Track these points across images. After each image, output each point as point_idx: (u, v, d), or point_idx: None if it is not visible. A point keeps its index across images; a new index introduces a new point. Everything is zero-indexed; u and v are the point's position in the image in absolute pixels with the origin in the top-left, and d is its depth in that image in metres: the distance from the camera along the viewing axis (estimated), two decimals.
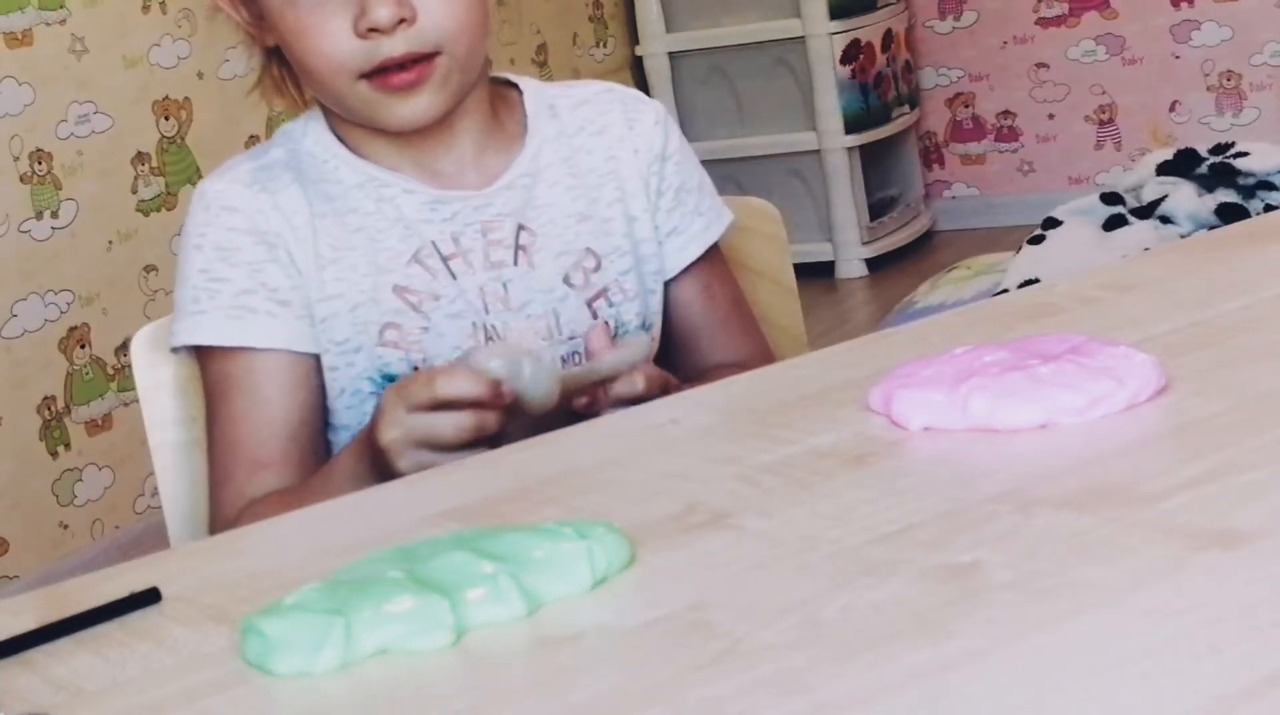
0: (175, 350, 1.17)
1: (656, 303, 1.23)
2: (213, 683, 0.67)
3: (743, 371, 1.13)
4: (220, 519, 1.14)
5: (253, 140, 3.22)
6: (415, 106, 1.13)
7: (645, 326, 1.22)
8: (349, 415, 1.16)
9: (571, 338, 1.18)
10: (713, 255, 1.26)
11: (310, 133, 1.20)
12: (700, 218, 1.25)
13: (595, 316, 1.19)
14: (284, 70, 1.21)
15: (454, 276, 1.16)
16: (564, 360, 1.18)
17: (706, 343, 1.25)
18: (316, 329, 1.15)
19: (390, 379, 1.14)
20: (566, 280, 1.18)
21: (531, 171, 1.20)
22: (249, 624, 0.69)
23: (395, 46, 1.10)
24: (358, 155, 1.18)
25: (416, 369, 1.14)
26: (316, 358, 1.15)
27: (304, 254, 1.15)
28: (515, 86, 1.24)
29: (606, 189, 1.22)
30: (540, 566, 0.70)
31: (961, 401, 0.84)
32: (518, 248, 1.18)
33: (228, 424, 1.15)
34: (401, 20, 1.10)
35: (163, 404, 1.20)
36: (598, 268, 1.20)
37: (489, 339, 1.15)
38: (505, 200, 1.18)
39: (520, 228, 1.18)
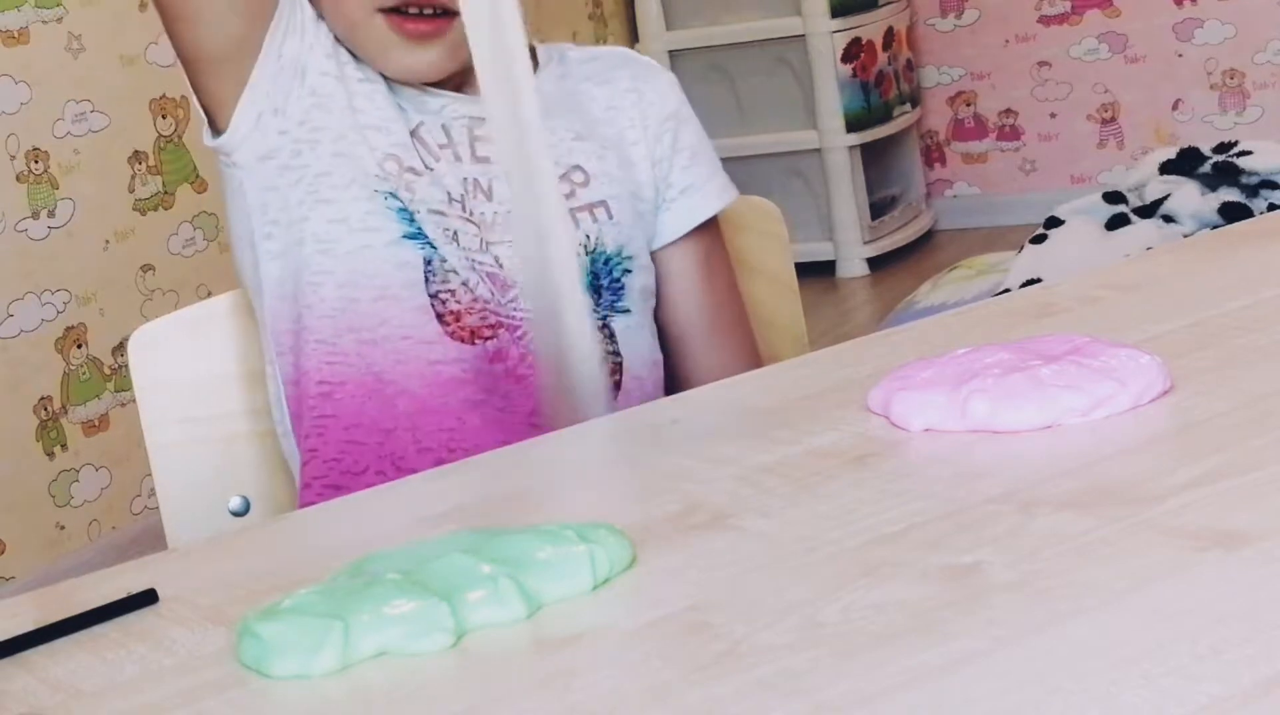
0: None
1: (642, 240, 1.22)
2: (210, 684, 0.67)
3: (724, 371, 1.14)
4: None
5: None
6: (423, 57, 1.12)
7: (621, 255, 1.20)
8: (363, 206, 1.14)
9: None
10: (713, 232, 1.25)
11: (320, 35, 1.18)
12: (713, 180, 1.25)
13: (576, 227, 1.18)
14: None
15: (446, 157, 1.16)
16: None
17: (696, 322, 1.24)
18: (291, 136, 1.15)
19: (394, 195, 1.13)
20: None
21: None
22: (246, 627, 0.69)
23: None
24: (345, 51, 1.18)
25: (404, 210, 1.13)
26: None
27: (312, 65, 1.15)
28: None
29: (603, 129, 1.22)
30: (541, 569, 0.70)
31: (961, 404, 0.83)
32: None
33: None
34: None
35: (160, 404, 1.20)
36: (586, 183, 1.19)
37: (475, 224, 1.15)
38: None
39: None
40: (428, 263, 1.14)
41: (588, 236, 1.19)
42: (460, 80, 1.18)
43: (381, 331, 1.13)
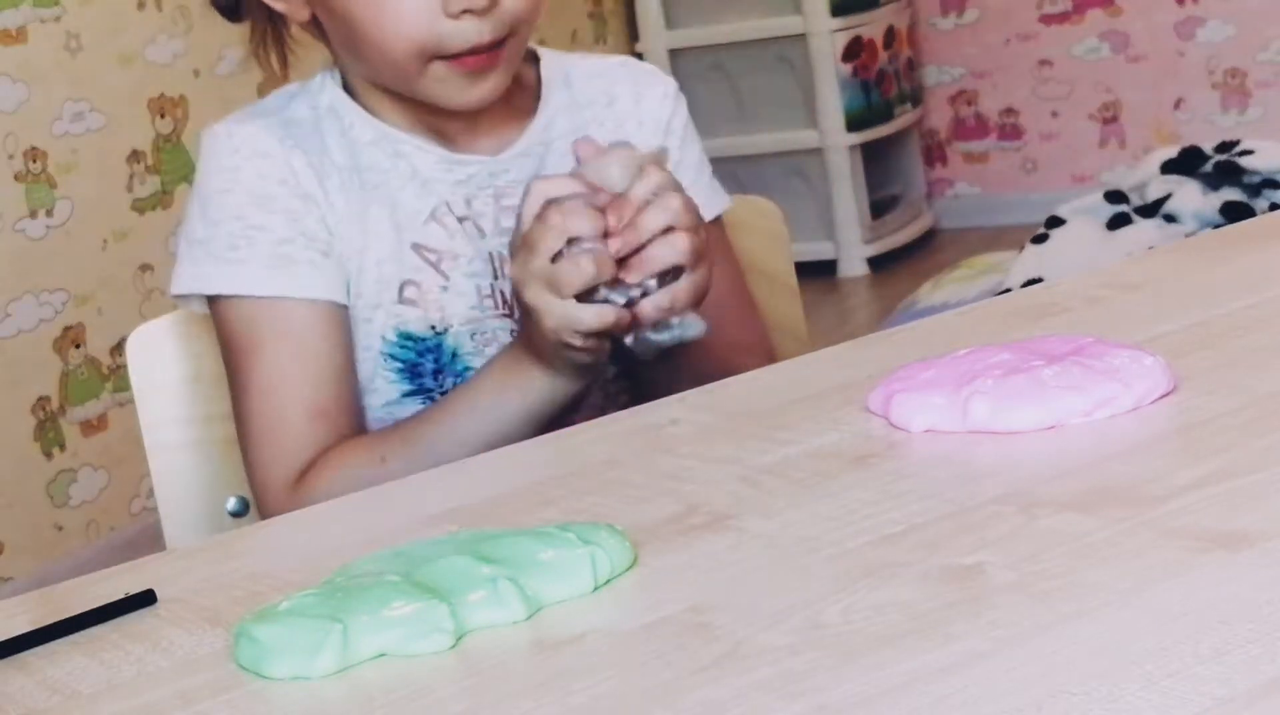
0: (179, 298, 1.14)
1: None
2: (208, 685, 0.67)
3: (746, 356, 1.13)
4: (275, 480, 1.09)
5: None
6: (484, 88, 1.12)
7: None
8: (360, 372, 1.14)
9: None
10: (712, 235, 1.25)
11: (327, 90, 1.18)
12: (698, 195, 1.24)
13: None
14: (273, 38, 1.19)
15: (467, 239, 1.15)
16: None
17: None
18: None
19: (409, 337, 1.13)
20: None
21: (544, 141, 1.19)
22: (243, 629, 0.68)
23: (484, 31, 1.09)
24: (372, 114, 1.16)
25: (434, 328, 1.13)
26: (347, 311, 1.13)
27: (333, 211, 1.14)
28: (532, 53, 1.23)
29: None
30: (541, 571, 0.70)
31: (962, 405, 0.83)
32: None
33: (270, 372, 1.10)
34: (494, 3, 1.08)
35: (158, 404, 1.19)
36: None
37: (504, 302, 1.14)
38: (519, 168, 1.17)
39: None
40: None
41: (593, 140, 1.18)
42: (490, 124, 1.18)
43: None
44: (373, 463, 1.06)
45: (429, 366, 1.14)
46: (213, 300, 1.13)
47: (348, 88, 1.17)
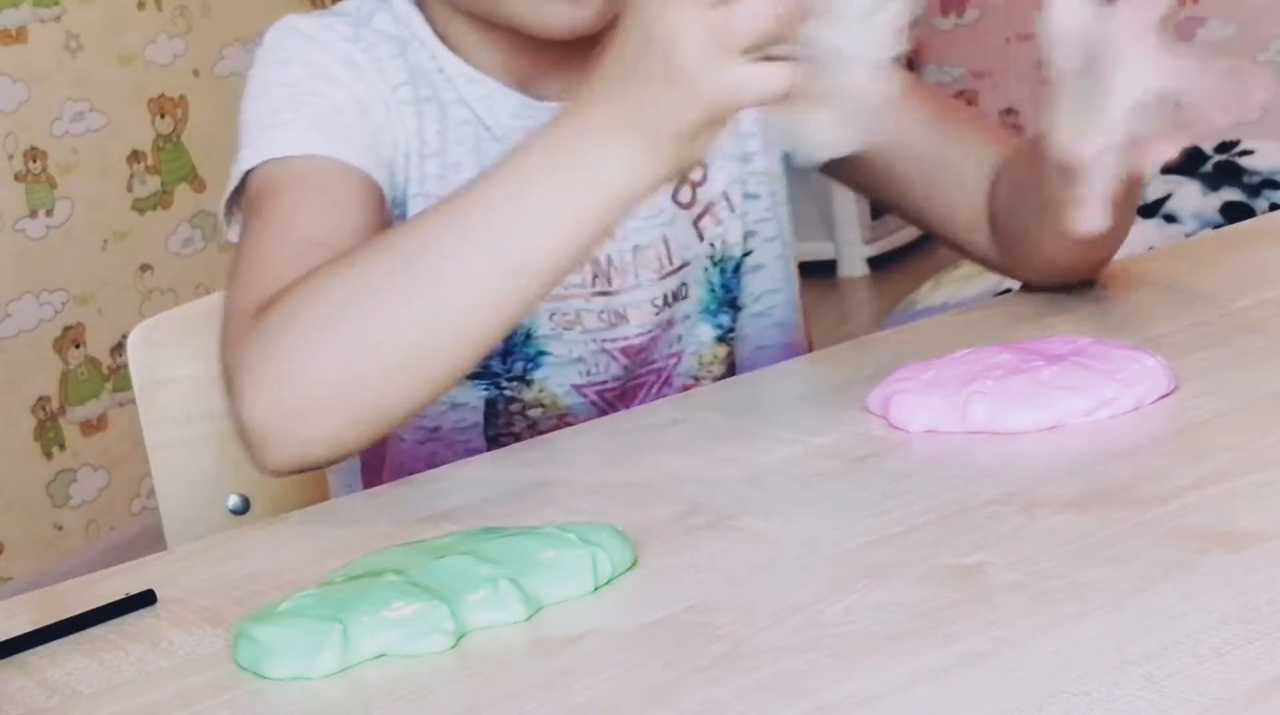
0: (231, 211, 0.97)
1: (759, 210, 1.08)
2: (208, 685, 0.67)
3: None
4: (246, 303, 0.87)
5: None
6: (583, 11, 0.94)
7: (746, 243, 1.07)
8: None
9: (681, 267, 1.04)
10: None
11: (405, 11, 1.03)
12: None
13: (701, 238, 1.05)
14: None
15: None
16: (670, 295, 1.03)
17: (948, 160, 1.05)
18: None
19: None
20: (674, 197, 1.05)
21: None
22: (242, 630, 0.68)
23: None
24: (449, 48, 1.02)
25: None
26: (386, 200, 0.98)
27: (403, 133, 0.99)
28: None
29: None
30: (542, 571, 0.70)
31: (961, 406, 0.83)
32: None
33: (281, 212, 0.93)
34: None
35: (159, 404, 1.19)
36: (704, 179, 1.06)
37: (592, 278, 1.00)
38: None
39: None
40: (490, 403, 1.02)
41: (713, 245, 1.07)
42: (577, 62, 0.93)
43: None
44: (353, 273, 0.83)
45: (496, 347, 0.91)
46: (244, 185, 0.97)
47: (428, 16, 1.02)
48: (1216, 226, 2.19)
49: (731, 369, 1.09)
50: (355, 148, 0.96)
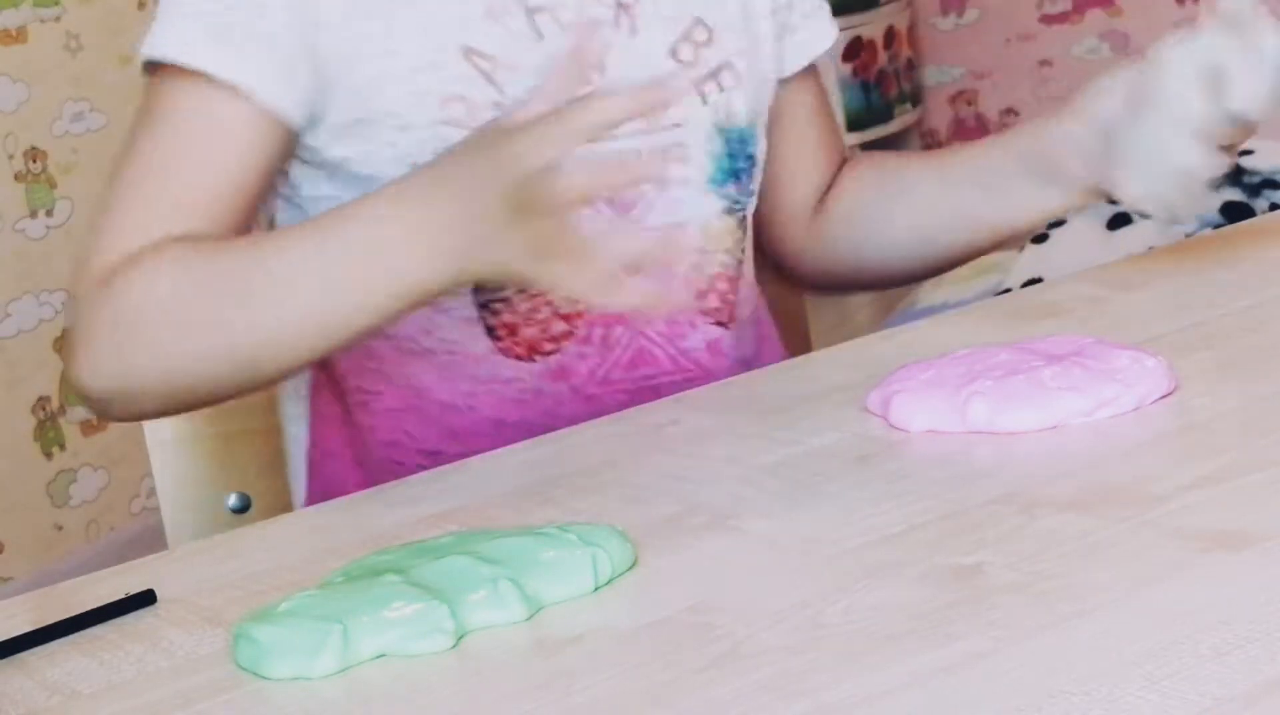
0: (146, 68, 0.95)
1: (767, 96, 1.06)
2: (208, 685, 0.67)
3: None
4: (98, 263, 0.90)
5: None
6: None
7: (752, 125, 1.05)
8: None
9: (676, 125, 1.00)
10: (810, 73, 1.12)
11: None
12: (814, 20, 1.11)
13: (705, 102, 1.01)
14: None
15: (540, 35, 0.95)
16: (664, 152, 1.00)
17: (819, 138, 1.12)
18: (351, 100, 0.94)
19: None
20: (673, 53, 1.01)
21: None
22: (242, 630, 0.68)
23: None
24: None
25: None
26: (291, 131, 0.94)
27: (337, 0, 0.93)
28: None
29: None
30: (542, 571, 0.70)
31: (961, 406, 0.83)
32: (619, 5, 0.98)
33: (156, 148, 0.92)
34: None
35: None
36: (709, 41, 1.02)
37: None
38: None
39: None
40: None
41: (717, 110, 1.03)
42: None
43: (425, 342, 0.97)
44: (188, 283, 0.87)
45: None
46: (153, 71, 0.95)
47: None
48: (1216, 226, 2.19)
49: (744, 253, 1.06)
50: (238, 57, 0.91)
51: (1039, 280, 2.02)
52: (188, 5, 0.93)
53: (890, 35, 4.33)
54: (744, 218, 1.06)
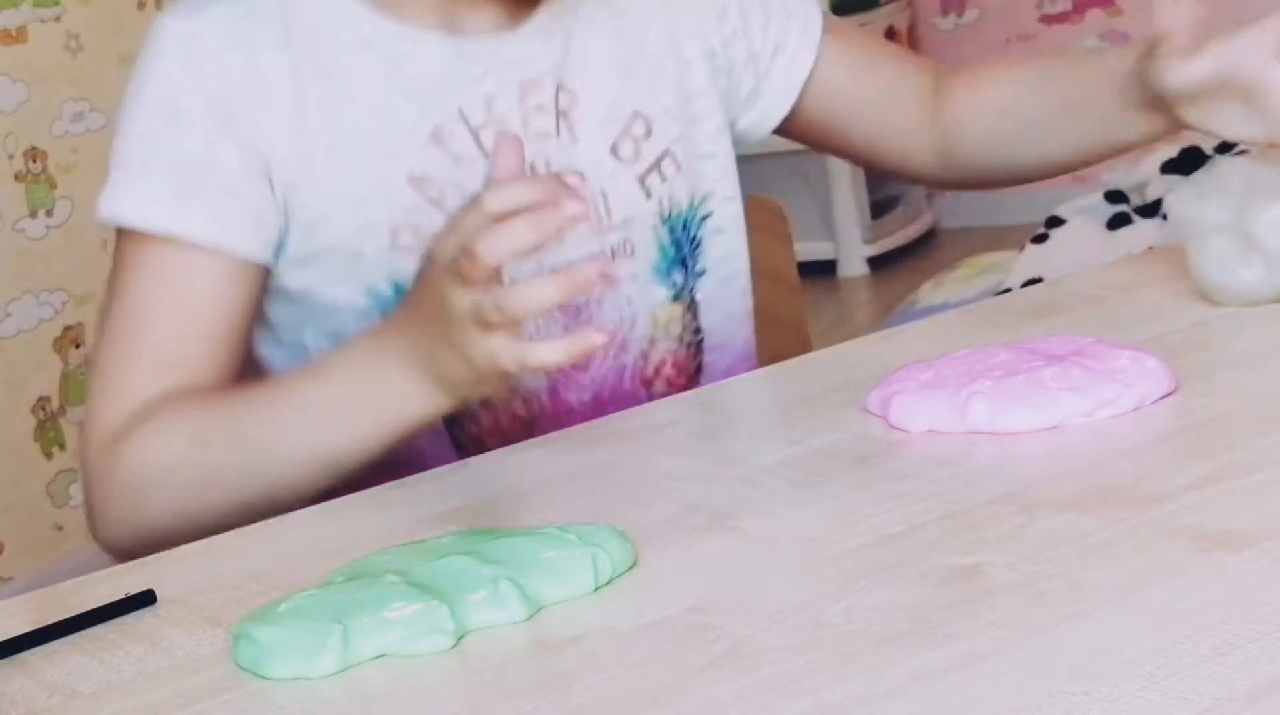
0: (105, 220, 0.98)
1: (716, 169, 1.07)
2: (208, 685, 0.67)
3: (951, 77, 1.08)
4: (100, 433, 0.93)
5: None
6: None
7: (694, 206, 1.05)
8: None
9: (625, 221, 1.01)
10: (827, 40, 1.10)
11: None
12: (794, 18, 1.10)
13: (649, 195, 1.02)
14: None
15: (486, 154, 0.95)
16: (613, 251, 1.01)
17: (902, 86, 1.11)
18: (300, 234, 0.96)
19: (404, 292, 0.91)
20: (614, 151, 1.02)
21: (567, 9, 1.00)
22: (242, 631, 0.68)
23: None
24: (361, 2, 0.97)
25: None
26: (264, 268, 0.96)
27: (283, 137, 0.94)
28: None
29: (653, 30, 1.04)
30: (543, 571, 0.70)
31: (961, 407, 0.83)
32: (558, 113, 1.00)
33: (133, 308, 0.94)
34: None
35: None
36: (648, 134, 1.03)
37: None
38: (542, 52, 0.99)
39: (558, 88, 1.00)
40: None
41: (661, 202, 1.03)
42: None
43: (400, 455, 0.92)
44: (195, 443, 0.91)
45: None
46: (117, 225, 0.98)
47: None
48: None
49: (696, 333, 1.07)
50: (203, 213, 0.94)
51: (1039, 280, 2.02)
52: (143, 163, 0.96)
53: (890, 35, 4.33)
54: (691, 302, 1.07)
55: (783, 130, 1.14)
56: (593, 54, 1.01)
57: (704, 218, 1.07)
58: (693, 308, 1.07)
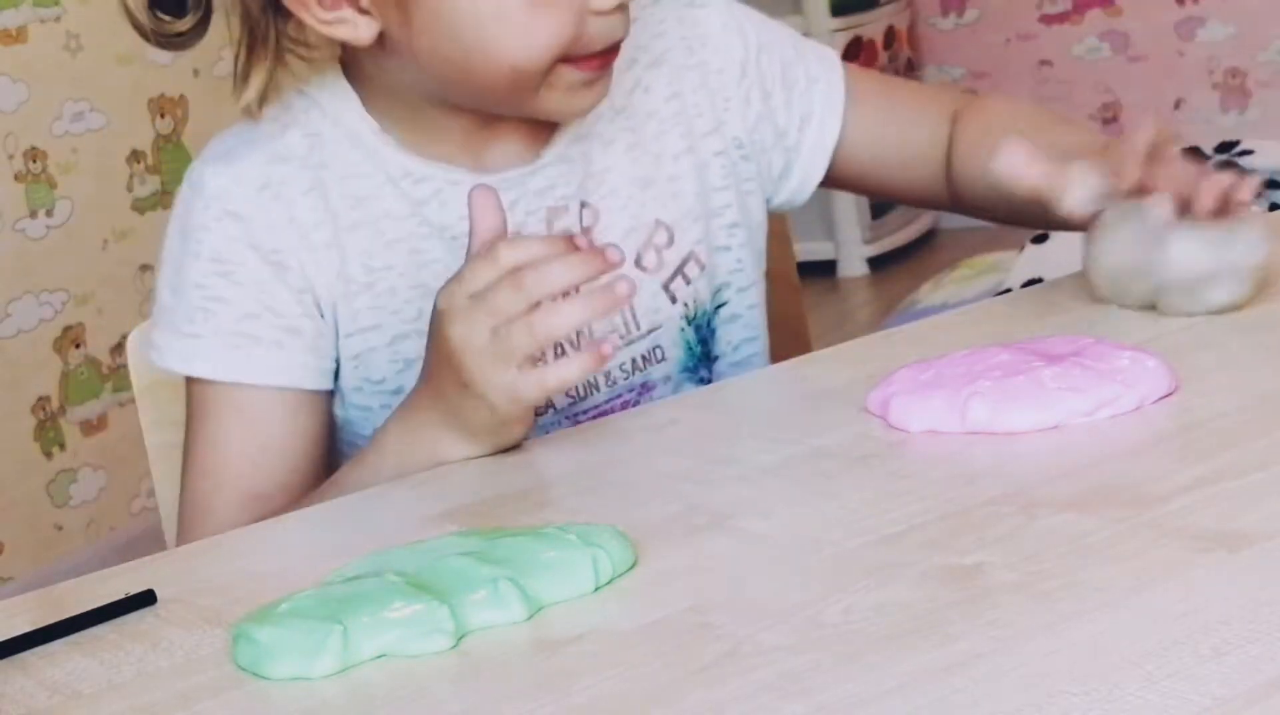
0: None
1: (731, 262, 1.08)
2: (208, 685, 0.67)
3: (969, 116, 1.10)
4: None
5: None
6: (599, 91, 0.98)
7: (714, 300, 1.07)
8: None
9: (652, 331, 1.04)
10: (849, 100, 1.12)
11: (334, 111, 1.00)
12: (816, 84, 1.11)
13: (674, 301, 1.04)
14: (263, 55, 0.99)
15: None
16: (644, 359, 1.03)
17: (919, 131, 1.13)
18: (347, 365, 1.00)
19: None
20: (639, 262, 1.03)
21: (584, 133, 1.03)
22: (241, 631, 0.68)
23: (617, 28, 0.96)
24: (392, 141, 1.00)
25: None
26: (329, 393, 1.01)
27: (325, 278, 0.99)
28: None
29: (671, 138, 1.06)
30: (543, 572, 0.70)
31: (961, 407, 0.83)
32: (583, 231, 1.02)
33: (214, 448, 0.99)
34: None
35: (159, 404, 1.19)
36: (670, 242, 1.05)
37: (558, 349, 0.97)
38: (565, 175, 1.02)
39: (582, 206, 1.02)
40: None
41: (686, 305, 1.05)
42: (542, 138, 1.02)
43: None
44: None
45: None
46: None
47: (368, 108, 1.01)
48: None
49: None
50: (265, 357, 0.98)
51: (1039, 280, 2.02)
52: (204, 317, 0.99)
53: (890, 35, 4.33)
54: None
55: (829, 184, 1.17)
56: (613, 171, 1.04)
57: (718, 307, 1.08)
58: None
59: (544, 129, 1.02)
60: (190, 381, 1.01)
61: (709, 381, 1.08)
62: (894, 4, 4.34)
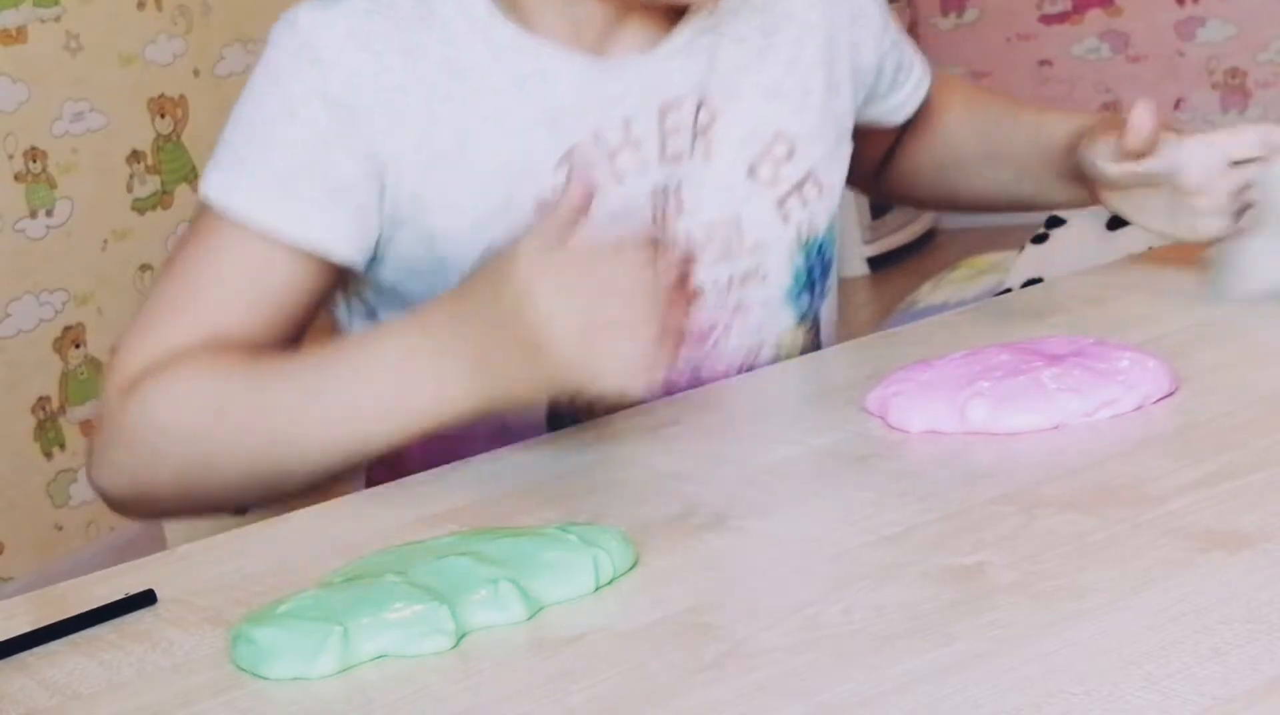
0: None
1: (839, 168, 1.04)
2: (208, 685, 0.67)
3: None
4: (124, 375, 0.90)
5: None
6: None
7: (831, 230, 1.04)
8: None
9: (755, 248, 0.98)
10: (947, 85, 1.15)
11: None
12: (912, 72, 1.13)
13: (786, 220, 0.99)
14: None
15: (619, 179, 0.93)
16: (743, 278, 0.98)
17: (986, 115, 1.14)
18: (422, 246, 0.93)
19: None
20: (752, 173, 0.98)
21: (714, 26, 0.96)
22: (241, 631, 0.68)
23: None
24: (499, 13, 0.94)
25: None
26: (347, 271, 0.95)
27: (409, 145, 0.92)
28: None
29: (809, 48, 1.00)
30: (543, 572, 0.70)
31: (961, 407, 0.83)
32: (695, 132, 0.96)
33: (195, 275, 0.91)
34: None
35: None
36: (790, 156, 0.99)
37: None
38: (685, 69, 0.95)
39: (699, 105, 0.96)
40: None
41: (800, 228, 1.01)
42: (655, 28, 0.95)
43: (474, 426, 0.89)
44: (213, 410, 0.87)
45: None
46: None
47: None
48: None
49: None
50: (298, 214, 0.91)
51: (1039, 280, 2.02)
52: (253, 153, 0.93)
53: None
54: (814, 323, 1.05)
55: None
56: (739, 71, 0.98)
57: (834, 239, 1.05)
58: (815, 328, 1.05)
59: (675, 19, 0.95)
60: (207, 207, 0.94)
61: (808, 312, 1.03)
62: (894, 4, 4.35)
